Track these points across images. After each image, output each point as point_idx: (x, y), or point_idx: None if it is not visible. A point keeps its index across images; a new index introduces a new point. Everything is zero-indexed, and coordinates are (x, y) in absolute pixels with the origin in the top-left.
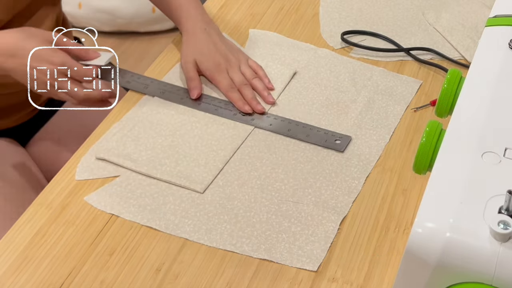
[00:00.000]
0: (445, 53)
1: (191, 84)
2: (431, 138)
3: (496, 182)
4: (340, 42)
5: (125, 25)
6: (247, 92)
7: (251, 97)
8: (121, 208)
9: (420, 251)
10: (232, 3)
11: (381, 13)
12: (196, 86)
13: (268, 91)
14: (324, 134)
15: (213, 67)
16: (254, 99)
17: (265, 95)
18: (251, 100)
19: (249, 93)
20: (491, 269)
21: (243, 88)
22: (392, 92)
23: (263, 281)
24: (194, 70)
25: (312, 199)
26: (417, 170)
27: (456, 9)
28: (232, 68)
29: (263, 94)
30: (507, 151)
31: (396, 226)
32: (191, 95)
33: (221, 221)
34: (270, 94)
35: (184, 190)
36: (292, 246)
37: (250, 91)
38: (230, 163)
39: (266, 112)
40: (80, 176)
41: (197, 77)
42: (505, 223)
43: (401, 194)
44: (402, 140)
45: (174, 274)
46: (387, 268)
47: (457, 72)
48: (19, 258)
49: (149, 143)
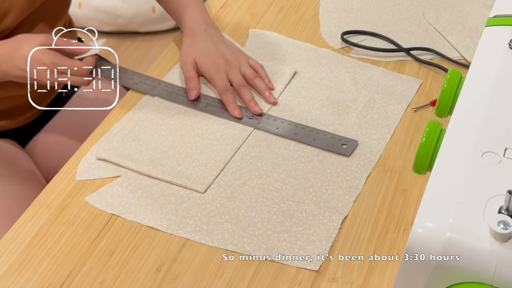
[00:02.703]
0: (445, 53)
1: (189, 84)
2: (431, 138)
3: (496, 182)
4: (340, 42)
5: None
6: (245, 93)
7: (249, 98)
8: (122, 209)
9: (420, 251)
10: (232, 3)
11: (381, 13)
12: (195, 86)
13: (269, 91)
14: (331, 138)
15: (212, 68)
16: (252, 100)
17: (266, 95)
18: (248, 101)
19: (247, 95)
20: (491, 269)
21: (242, 89)
22: (392, 92)
23: (263, 281)
24: (193, 70)
25: (313, 198)
26: (417, 170)
27: (456, 9)
28: (232, 69)
29: (264, 94)
30: (507, 151)
31: (396, 226)
32: (189, 96)
33: (223, 221)
34: (271, 94)
35: (185, 190)
36: (294, 245)
37: (249, 92)
38: (231, 163)
39: (265, 113)
40: (80, 176)
41: (196, 77)
42: (505, 223)
43: (401, 194)
44: (402, 140)
45: (174, 274)
46: (387, 268)
47: (457, 72)
48: (19, 258)
49: (150, 143)
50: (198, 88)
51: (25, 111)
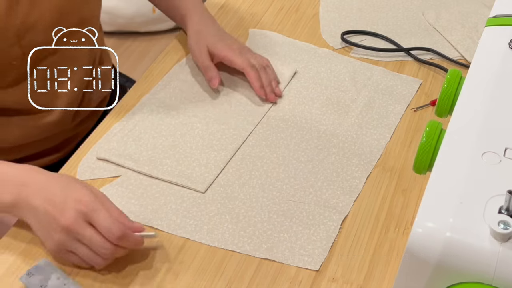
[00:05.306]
0: (445, 53)
1: (209, 73)
2: (431, 138)
3: (496, 182)
4: (340, 42)
5: (125, 25)
6: (266, 75)
7: (270, 81)
8: (123, 208)
9: (420, 251)
10: (232, 3)
11: (381, 13)
12: (215, 75)
13: (277, 83)
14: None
15: (227, 48)
16: (270, 86)
17: (274, 86)
18: (268, 84)
19: (267, 77)
20: (491, 269)
21: (262, 70)
22: (393, 92)
23: (263, 281)
24: (208, 59)
25: (313, 198)
26: (417, 170)
27: (456, 9)
28: (248, 53)
29: (273, 84)
30: (507, 151)
31: (396, 226)
32: (211, 85)
33: (223, 220)
34: (278, 86)
35: (186, 190)
36: (294, 245)
37: (269, 75)
38: (231, 163)
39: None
40: (81, 176)
41: (213, 65)
42: (505, 223)
43: (401, 194)
44: (402, 140)
45: (174, 274)
46: (387, 268)
47: (457, 72)
48: (19, 258)
49: (150, 143)
50: (219, 77)
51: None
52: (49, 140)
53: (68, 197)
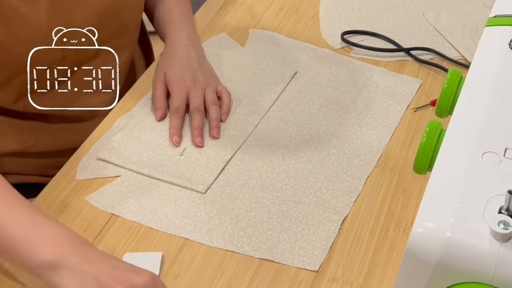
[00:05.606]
0: (445, 53)
1: (156, 104)
2: (431, 138)
3: (496, 182)
4: (340, 42)
5: None
6: (195, 119)
7: (196, 126)
8: (122, 208)
9: (420, 251)
10: (232, 3)
11: (381, 13)
12: (161, 107)
13: (217, 123)
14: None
15: (175, 81)
16: (197, 129)
17: (212, 126)
18: (193, 129)
19: (196, 121)
20: (491, 269)
21: (194, 113)
22: (393, 92)
23: (263, 281)
24: (162, 88)
25: (313, 199)
26: (417, 170)
27: (456, 9)
28: (196, 90)
29: (212, 124)
30: (507, 151)
31: (396, 226)
32: (155, 117)
33: (222, 221)
34: (217, 127)
35: (185, 190)
36: (293, 246)
37: (200, 119)
38: (231, 163)
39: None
40: (80, 175)
41: (162, 97)
42: (505, 223)
43: (401, 194)
44: (402, 140)
45: (174, 274)
46: (387, 268)
47: (457, 72)
48: None
49: (150, 143)
50: (165, 109)
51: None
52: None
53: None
